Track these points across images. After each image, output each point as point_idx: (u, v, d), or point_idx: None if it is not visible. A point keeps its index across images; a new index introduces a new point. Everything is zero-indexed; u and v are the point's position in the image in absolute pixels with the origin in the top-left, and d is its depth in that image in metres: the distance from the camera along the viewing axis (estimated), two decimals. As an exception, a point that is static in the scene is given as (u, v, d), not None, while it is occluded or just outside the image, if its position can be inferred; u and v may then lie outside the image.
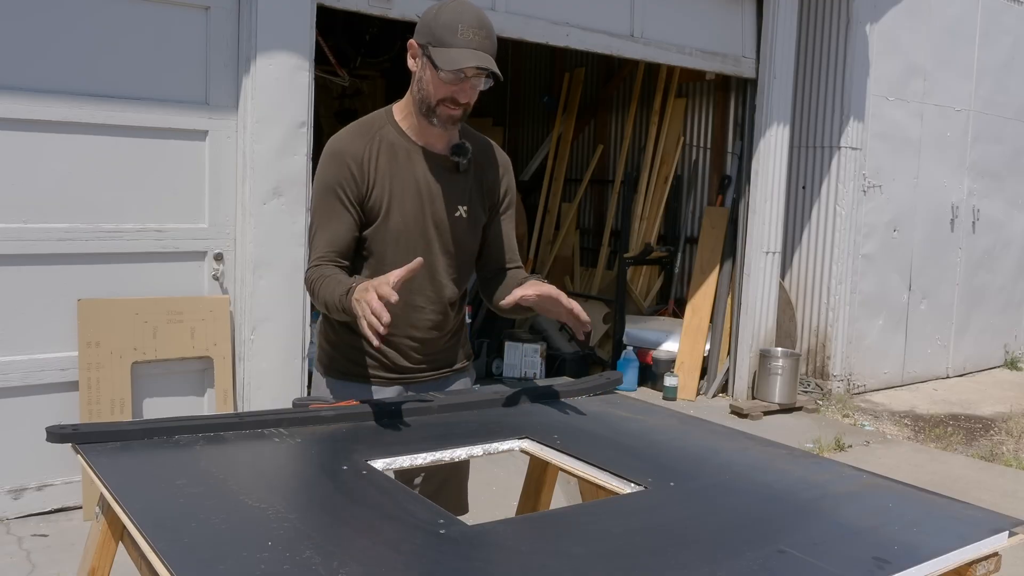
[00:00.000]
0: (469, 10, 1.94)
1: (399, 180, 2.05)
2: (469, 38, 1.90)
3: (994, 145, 7.60)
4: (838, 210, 6.46)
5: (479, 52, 1.91)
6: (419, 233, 2.07)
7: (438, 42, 1.91)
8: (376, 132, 2.06)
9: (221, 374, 3.88)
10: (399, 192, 2.04)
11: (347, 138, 2.05)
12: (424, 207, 2.07)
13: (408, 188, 2.05)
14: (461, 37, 1.90)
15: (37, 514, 3.59)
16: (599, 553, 1.33)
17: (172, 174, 3.77)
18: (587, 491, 2.01)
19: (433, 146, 2.08)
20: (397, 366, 2.14)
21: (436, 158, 2.09)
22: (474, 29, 1.91)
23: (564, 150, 8.18)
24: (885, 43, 6.56)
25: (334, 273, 1.96)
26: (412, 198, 2.06)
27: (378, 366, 2.13)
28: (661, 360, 6.35)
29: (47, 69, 3.45)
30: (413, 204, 2.06)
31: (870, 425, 5.93)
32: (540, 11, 4.79)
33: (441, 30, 1.91)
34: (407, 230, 2.05)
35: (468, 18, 1.92)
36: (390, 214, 2.04)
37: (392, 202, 2.04)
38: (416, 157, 2.07)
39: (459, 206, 2.12)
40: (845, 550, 1.39)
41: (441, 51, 1.91)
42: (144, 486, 1.49)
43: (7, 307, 3.47)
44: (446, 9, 1.93)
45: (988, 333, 7.91)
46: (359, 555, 1.27)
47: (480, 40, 1.91)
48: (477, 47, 1.91)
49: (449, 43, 1.90)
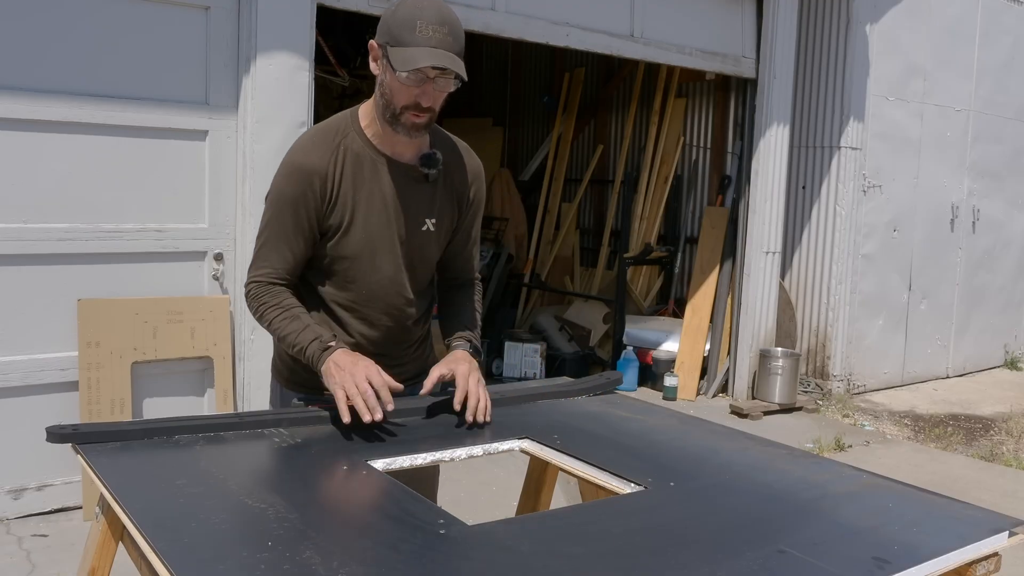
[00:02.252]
0: (429, 4, 1.77)
1: (364, 194, 1.93)
2: (428, 35, 1.74)
3: (994, 145, 7.60)
4: (838, 210, 6.46)
5: (439, 50, 1.75)
6: (384, 248, 1.97)
7: (396, 41, 1.77)
8: (340, 141, 1.92)
9: (221, 374, 3.88)
10: (364, 207, 1.93)
11: (311, 149, 1.92)
12: (390, 222, 1.96)
13: (374, 202, 1.94)
14: (420, 35, 1.74)
15: (37, 514, 3.59)
16: (599, 553, 1.33)
17: (172, 174, 3.77)
18: (587, 491, 2.01)
19: (401, 155, 1.96)
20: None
21: (403, 168, 1.96)
22: (434, 25, 1.75)
23: (564, 150, 8.18)
24: (885, 43, 6.56)
25: (291, 304, 1.92)
26: (377, 213, 1.94)
27: None
28: (661, 360, 6.35)
29: (47, 69, 3.45)
30: (379, 219, 1.95)
31: (870, 425, 5.93)
32: (540, 11, 4.79)
33: (399, 28, 1.76)
34: (371, 245, 1.95)
35: (428, 14, 1.76)
36: (352, 229, 1.93)
37: (356, 217, 1.93)
38: (382, 169, 1.94)
39: (426, 219, 2.01)
40: (845, 550, 1.39)
41: (399, 51, 1.76)
42: (144, 486, 1.49)
43: (7, 307, 3.47)
44: (404, 4, 1.78)
45: (988, 333, 7.91)
46: (359, 555, 1.27)
47: (441, 37, 1.75)
48: (437, 44, 1.75)
49: (407, 42, 1.75)
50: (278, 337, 1.92)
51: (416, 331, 2.13)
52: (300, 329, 1.88)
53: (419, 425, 1.92)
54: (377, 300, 2.00)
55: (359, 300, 2.00)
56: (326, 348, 1.84)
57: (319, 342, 1.85)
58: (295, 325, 1.89)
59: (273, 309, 1.92)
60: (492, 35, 4.61)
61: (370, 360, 1.81)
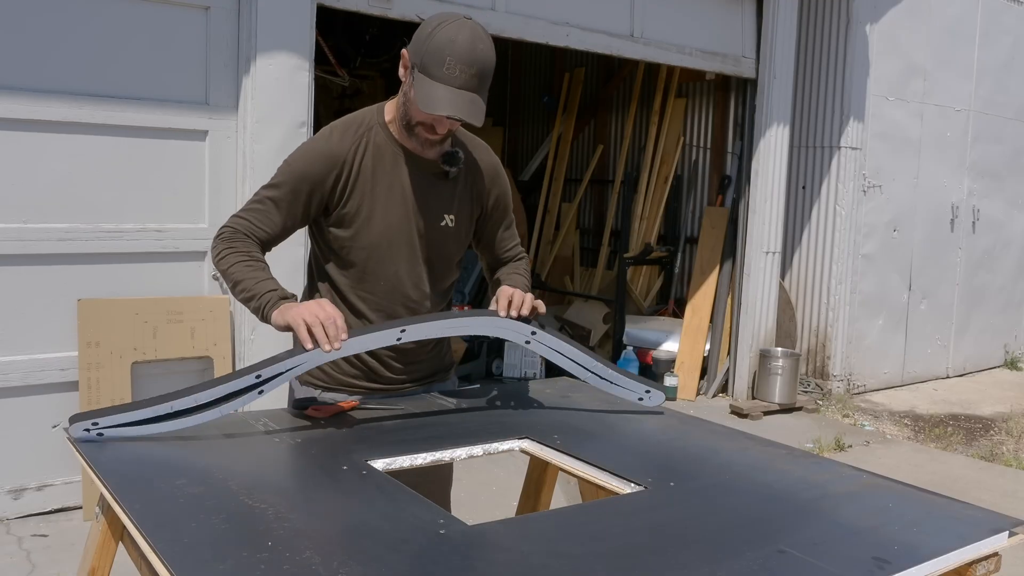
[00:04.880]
0: (463, 40, 1.79)
1: (383, 186, 1.97)
2: (455, 75, 1.78)
3: (994, 145, 7.60)
4: (838, 210, 6.46)
5: (461, 93, 1.79)
6: (403, 241, 2.00)
7: (423, 69, 1.81)
8: (364, 133, 1.97)
9: (221, 374, 3.87)
10: (383, 198, 1.97)
11: (335, 137, 1.96)
12: (409, 215, 1.99)
13: (393, 195, 1.97)
14: (447, 72, 1.78)
15: (37, 514, 3.59)
16: (599, 553, 1.33)
17: (172, 174, 3.77)
18: (587, 491, 2.01)
19: (423, 152, 1.99)
20: (380, 377, 2.09)
21: (425, 163, 2.00)
22: (462, 65, 1.78)
23: (564, 150, 8.18)
24: (885, 43, 6.56)
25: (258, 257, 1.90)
26: (397, 206, 1.98)
27: (361, 376, 2.07)
28: (661, 360, 6.34)
29: (48, 69, 3.45)
30: (397, 211, 1.98)
31: (870, 425, 5.93)
32: (540, 11, 4.79)
33: (430, 56, 1.80)
34: (389, 238, 1.98)
35: (459, 50, 1.78)
36: (372, 220, 1.96)
37: (375, 209, 1.96)
38: (403, 162, 1.98)
39: (446, 215, 2.04)
40: (845, 550, 1.39)
41: (424, 81, 1.80)
42: (144, 486, 1.49)
43: (7, 307, 3.47)
44: (441, 31, 1.80)
45: (988, 333, 7.91)
46: (359, 555, 1.27)
47: (466, 78, 1.79)
48: (461, 85, 1.79)
49: (434, 75, 1.79)
50: (232, 281, 1.87)
51: None
52: (261, 278, 1.85)
53: (419, 425, 1.93)
54: (395, 292, 2.02)
55: (377, 291, 2.02)
56: (284, 297, 1.82)
57: (279, 291, 1.83)
58: (257, 274, 1.86)
59: (239, 255, 1.88)
60: (492, 35, 4.59)
61: (331, 311, 1.76)
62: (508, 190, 2.20)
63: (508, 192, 2.20)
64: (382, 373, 2.09)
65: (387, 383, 2.10)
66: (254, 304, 1.83)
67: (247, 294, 1.84)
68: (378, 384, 2.09)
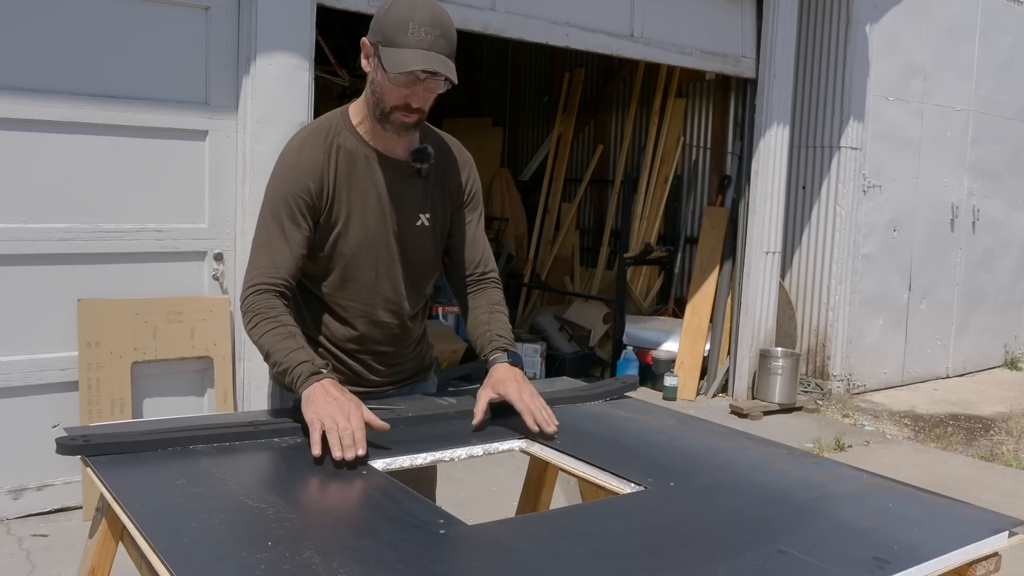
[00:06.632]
0: (422, 5, 1.77)
1: (358, 190, 1.93)
2: (420, 37, 1.74)
3: (994, 145, 7.60)
4: (838, 210, 6.46)
5: (430, 53, 1.75)
6: (381, 245, 1.96)
7: (388, 41, 1.77)
8: (333, 139, 1.92)
9: (221, 374, 3.88)
10: (359, 203, 1.93)
11: (304, 149, 1.91)
12: (385, 218, 1.95)
13: (368, 198, 1.93)
14: (412, 36, 1.74)
15: (37, 514, 3.59)
16: (599, 553, 1.33)
17: (172, 174, 3.77)
18: (587, 491, 2.01)
19: (393, 151, 1.95)
20: (363, 380, 2.06)
21: (396, 164, 1.96)
22: (426, 27, 1.75)
23: (564, 150, 8.18)
24: (885, 43, 6.56)
25: (286, 320, 1.82)
26: (372, 209, 1.94)
27: (344, 380, 1.99)
28: (661, 360, 6.35)
29: (48, 69, 3.45)
30: (374, 215, 1.94)
31: (870, 425, 5.93)
32: (540, 11, 4.79)
33: (391, 28, 1.76)
34: (367, 243, 1.94)
35: (420, 15, 1.75)
36: (349, 227, 1.93)
37: (352, 214, 1.92)
38: (375, 164, 1.94)
39: (421, 214, 2.00)
40: (845, 550, 1.39)
41: (390, 51, 1.76)
42: (144, 486, 1.49)
43: (7, 307, 3.47)
44: (398, 4, 1.78)
45: (988, 333, 7.91)
46: (359, 555, 1.27)
47: (432, 40, 1.75)
48: (429, 47, 1.75)
49: (399, 43, 1.75)
50: (265, 352, 1.81)
51: (415, 328, 2.13)
52: (293, 348, 1.79)
53: (419, 425, 1.93)
54: (376, 296, 2.00)
55: (358, 297, 2.00)
56: (316, 372, 1.75)
57: (310, 364, 1.76)
58: (287, 343, 1.79)
59: (268, 322, 1.82)
60: (492, 35, 4.61)
61: (355, 398, 1.72)
62: (479, 188, 2.14)
63: (479, 190, 2.14)
64: (367, 376, 2.07)
65: (371, 386, 2.08)
66: (287, 379, 1.78)
67: (280, 368, 1.79)
68: (362, 388, 2.05)
